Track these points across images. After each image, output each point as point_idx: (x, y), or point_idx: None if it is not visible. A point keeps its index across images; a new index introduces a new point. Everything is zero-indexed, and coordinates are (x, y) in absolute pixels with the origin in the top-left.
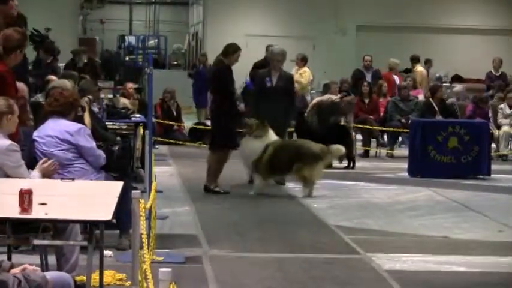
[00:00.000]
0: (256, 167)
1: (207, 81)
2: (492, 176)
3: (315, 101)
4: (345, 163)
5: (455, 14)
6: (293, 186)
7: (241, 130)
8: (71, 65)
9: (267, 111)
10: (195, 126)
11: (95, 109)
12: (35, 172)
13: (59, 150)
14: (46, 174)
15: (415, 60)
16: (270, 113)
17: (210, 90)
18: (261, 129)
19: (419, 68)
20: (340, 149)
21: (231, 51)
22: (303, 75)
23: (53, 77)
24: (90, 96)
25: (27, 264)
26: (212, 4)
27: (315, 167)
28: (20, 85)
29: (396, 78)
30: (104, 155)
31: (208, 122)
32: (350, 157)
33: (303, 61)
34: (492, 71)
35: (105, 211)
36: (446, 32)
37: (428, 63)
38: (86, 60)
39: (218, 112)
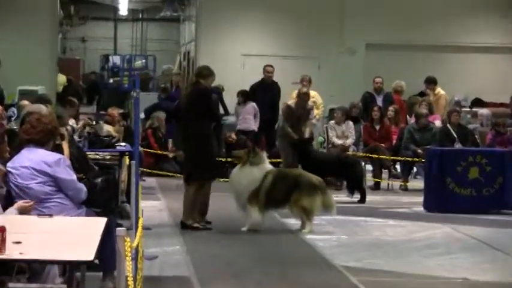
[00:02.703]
0: (252, 198)
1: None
2: None
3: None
4: (357, 197)
5: (474, 30)
6: (295, 223)
7: (227, 160)
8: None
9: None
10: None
11: (75, 137)
12: (12, 209)
13: (36, 183)
14: (23, 212)
15: (431, 82)
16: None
17: (186, 113)
18: (255, 156)
19: (442, 92)
20: (332, 202)
21: (208, 73)
22: (316, 99)
23: (25, 102)
24: (73, 125)
25: None
26: (205, 20)
27: (315, 197)
28: None
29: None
30: (86, 189)
31: None
32: (360, 190)
33: (310, 82)
34: None
35: (86, 251)
36: (463, 50)
37: None
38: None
39: (197, 138)
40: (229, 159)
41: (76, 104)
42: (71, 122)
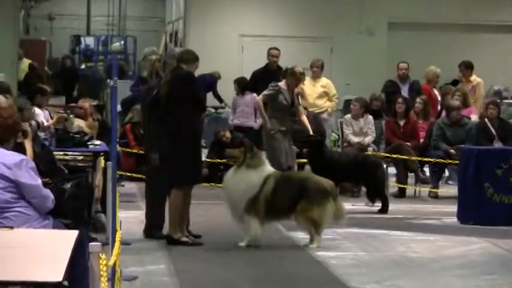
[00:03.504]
0: (251, 207)
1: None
2: None
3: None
4: (377, 206)
5: None
6: (303, 237)
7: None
8: None
9: None
10: None
11: (41, 134)
12: None
13: None
14: None
15: (468, 67)
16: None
17: (166, 102)
18: (253, 157)
19: (479, 79)
20: (343, 210)
21: (191, 58)
22: (329, 88)
23: None
24: (38, 120)
25: None
26: None
27: (326, 206)
28: None
29: (436, 93)
30: (53, 196)
31: None
32: (381, 197)
33: (322, 69)
34: None
35: (54, 270)
36: (506, 30)
37: None
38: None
39: (179, 131)
40: (222, 161)
41: (48, 92)
42: (45, 113)
